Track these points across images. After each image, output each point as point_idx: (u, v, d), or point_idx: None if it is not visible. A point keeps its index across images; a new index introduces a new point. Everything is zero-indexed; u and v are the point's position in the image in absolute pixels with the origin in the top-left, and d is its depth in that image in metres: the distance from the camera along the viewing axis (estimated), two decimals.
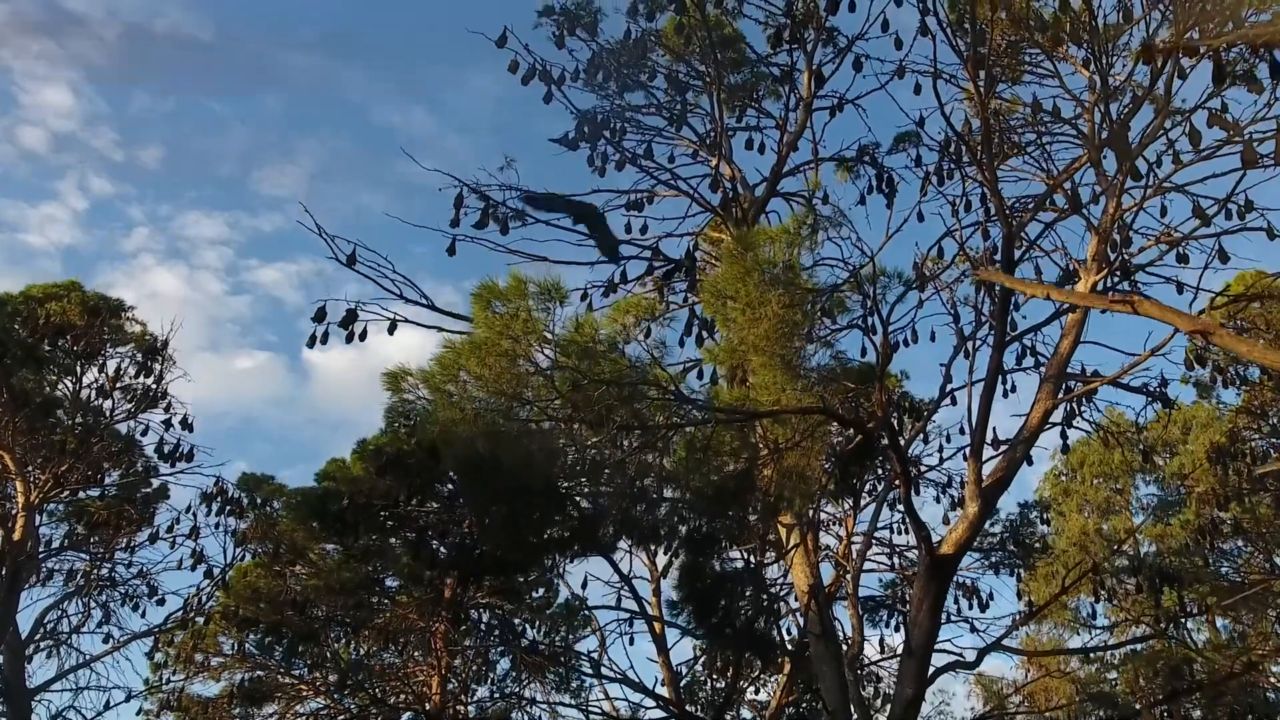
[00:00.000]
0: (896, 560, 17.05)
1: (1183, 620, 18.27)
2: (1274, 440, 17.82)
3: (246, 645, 18.52)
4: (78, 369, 15.76)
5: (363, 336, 10.85)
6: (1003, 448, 10.77)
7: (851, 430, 8.05)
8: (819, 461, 7.77)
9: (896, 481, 11.09)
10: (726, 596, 8.52)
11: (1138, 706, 26.56)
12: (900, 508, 15.41)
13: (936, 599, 9.66)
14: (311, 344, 10.94)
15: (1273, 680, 20.04)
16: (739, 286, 6.53)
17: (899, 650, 18.06)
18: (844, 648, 11.78)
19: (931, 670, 9.57)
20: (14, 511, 15.40)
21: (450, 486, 12.67)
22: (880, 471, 15.24)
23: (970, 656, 11.68)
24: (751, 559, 12.41)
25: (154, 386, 15.71)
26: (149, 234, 65.65)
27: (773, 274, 6.64)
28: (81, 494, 17.99)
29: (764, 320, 6.46)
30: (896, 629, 16.89)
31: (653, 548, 10.84)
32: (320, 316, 10.82)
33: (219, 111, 63.98)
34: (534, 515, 7.22)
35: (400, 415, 7.67)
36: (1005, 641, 13.13)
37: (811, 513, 9.65)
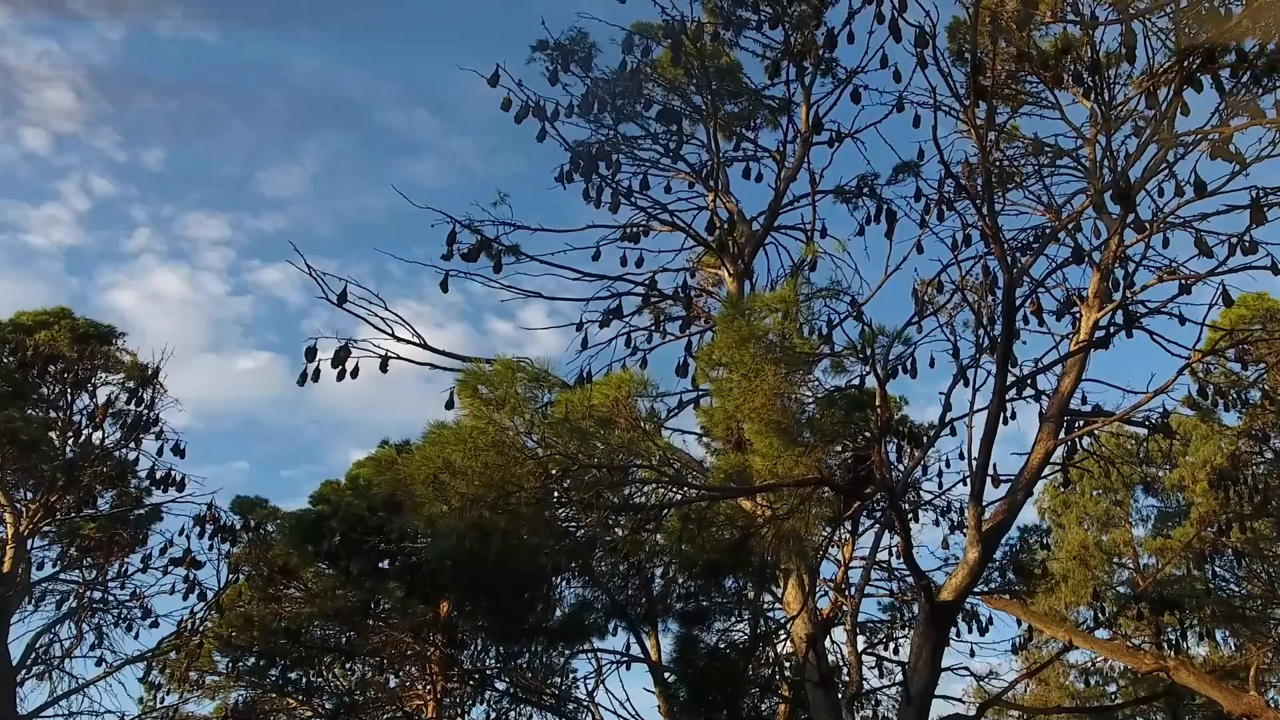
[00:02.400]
0: (896, 584, 16.91)
1: (1183, 644, 18.14)
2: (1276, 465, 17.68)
3: (242, 665, 18.39)
4: (68, 397, 15.59)
5: (354, 374, 10.76)
6: (1003, 487, 10.65)
7: (848, 499, 7.91)
8: (817, 526, 7.63)
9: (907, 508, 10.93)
10: (722, 679, 8.36)
11: None
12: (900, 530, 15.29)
13: (937, 646, 9.52)
14: (302, 381, 10.84)
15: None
16: (734, 354, 6.38)
17: (896, 671, 17.98)
18: (841, 687, 11.62)
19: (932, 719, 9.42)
20: (3, 542, 15.23)
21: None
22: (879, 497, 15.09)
23: (971, 679, 11.50)
24: (746, 591, 12.29)
25: (146, 413, 15.54)
26: (151, 235, 65.66)
27: (768, 343, 6.49)
28: (75, 517, 17.82)
29: (759, 393, 6.31)
30: (895, 652, 16.76)
31: (647, 629, 10.73)
32: (311, 355, 10.73)
33: (222, 112, 63.84)
34: (520, 608, 7.06)
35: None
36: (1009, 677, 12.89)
37: (812, 564, 9.51)
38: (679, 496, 6.93)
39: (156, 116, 62.30)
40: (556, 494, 6.35)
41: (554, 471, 6.20)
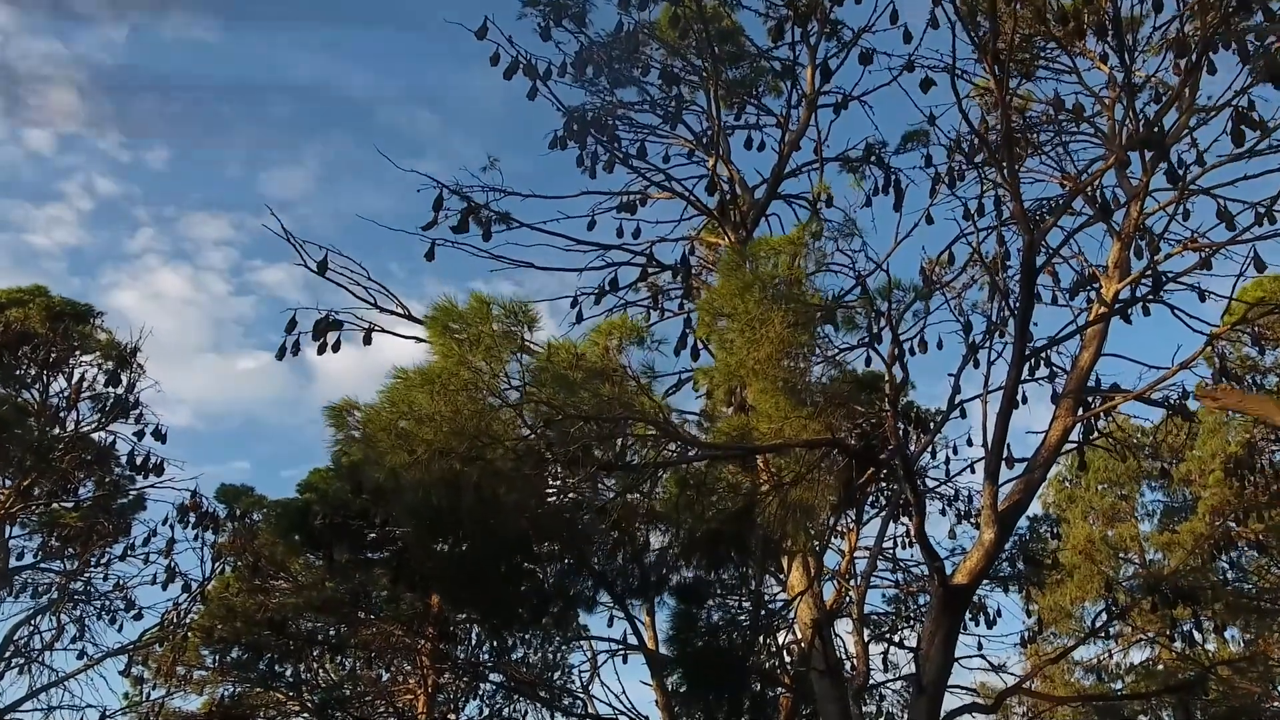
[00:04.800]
0: (901, 576, 16.40)
1: (1196, 637, 17.58)
2: None
3: (228, 658, 17.89)
4: (44, 379, 15.01)
5: (335, 347, 10.20)
6: (1018, 467, 10.13)
7: (860, 464, 7.36)
8: (826, 496, 7.09)
9: (906, 505, 10.38)
10: (723, 659, 7.76)
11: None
12: (905, 520, 14.77)
13: (950, 632, 8.98)
14: (281, 355, 10.28)
15: None
16: (737, 303, 5.80)
17: (903, 665, 17.47)
18: (847, 678, 11.08)
19: (945, 712, 8.88)
20: None
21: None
22: (885, 484, 14.56)
23: (979, 672, 10.98)
24: (749, 573, 11.75)
25: (126, 396, 14.95)
26: (154, 235, 65.33)
27: (775, 289, 5.93)
28: (55, 505, 17.32)
29: (765, 343, 5.74)
30: (900, 645, 16.25)
31: (639, 601, 10.15)
32: (290, 327, 10.18)
33: (225, 113, 63.46)
34: (499, 575, 6.48)
35: (343, 454, 6.85)
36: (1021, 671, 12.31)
37: (818, 547, 8.96)
38: (675, 456, 6.38)
39: (159, 117, 61.96)
40: (538, 448, 5.80)
41: (535, 422, 5.64)
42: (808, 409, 6.05)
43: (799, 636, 9.79)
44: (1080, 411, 10.09)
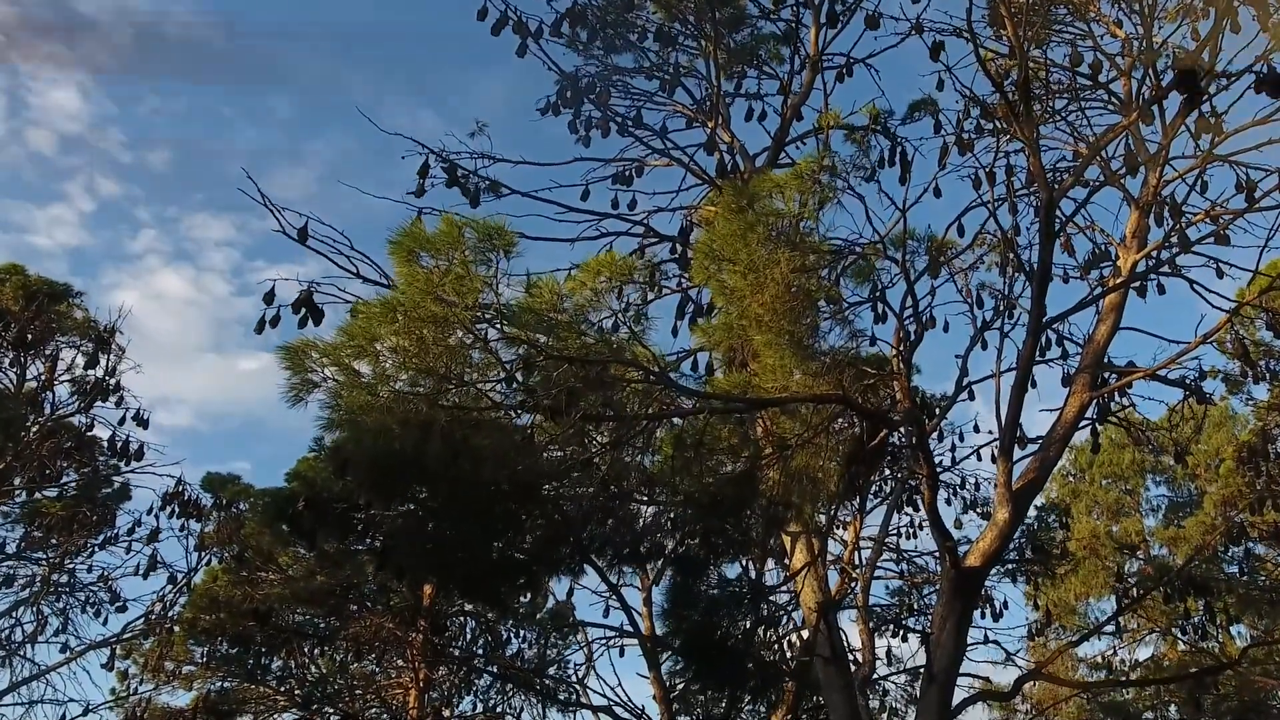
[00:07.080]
0: (905, 567, 15.97)
1: (1209, 629, 17.11)
2: None
3: (217, 653, 17.45)
4: (21, 359, 14.50)
5: (318, 320, 9.73)
6: (1030, 447, 9.69)
7: (871, 426, 6.87)
8: (833, 462, 6.61)
9: (918, 483, 9.91)
10: (723, 639, 7.25)
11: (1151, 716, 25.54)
12: (910, 510, 14.31)
13: (962, 617, 8.53)
14: (260, 329, 9.82)
15: None
16: (738, 246, 5.30)
17: (907, 659, 17.01)
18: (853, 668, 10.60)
19: (958, 700, 8.43)
20: None
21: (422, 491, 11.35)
22: (889, 471, 14.10)
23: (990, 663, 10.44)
24: (750, 565, 11.29)
25: (105, 379, 14.43)
26: (156, 235, 64.82)
27: (780, 229, 5.45)
28: (38, 495, 16.85)
29: (769, 286, 5.26)
30: (904, 639, 15.80)
31: (630, 569, 9.66)
32: (270, 298, 9.70)
33: (228, 114, 63.02)
34: (474, 533, 6.00)
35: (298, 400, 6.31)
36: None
37: (824, 521, 8.48)
38: (671, 408, 5.90)
39: (162, 117, 61.36)
40: (517, 393, 5.32)
41: (513, 364, 5.16)
42: (815, 364, 5.59)
43: (802, 624, 9.31)
44: (1097, 387, 9.66)
